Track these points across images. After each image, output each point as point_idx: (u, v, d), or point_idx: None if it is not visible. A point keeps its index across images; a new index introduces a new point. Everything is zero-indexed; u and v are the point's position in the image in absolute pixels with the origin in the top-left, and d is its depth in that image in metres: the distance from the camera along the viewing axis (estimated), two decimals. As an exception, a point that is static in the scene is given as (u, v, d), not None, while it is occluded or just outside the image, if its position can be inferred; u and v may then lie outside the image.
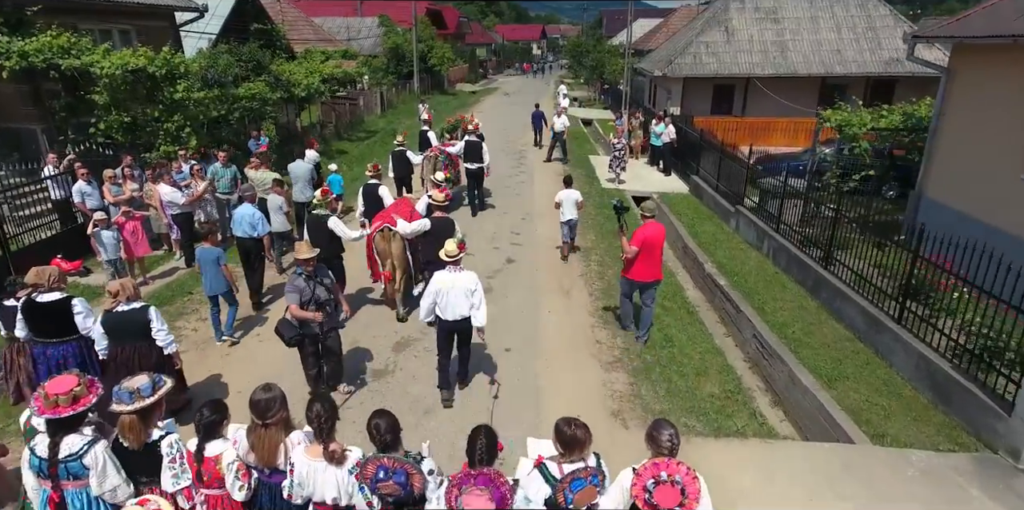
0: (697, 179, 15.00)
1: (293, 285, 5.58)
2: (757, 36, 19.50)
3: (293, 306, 5.52)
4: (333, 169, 12.81)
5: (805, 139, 19.47)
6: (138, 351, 5.09)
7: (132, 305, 5.07)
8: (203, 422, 3.43)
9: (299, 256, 5.67)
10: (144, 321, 5.06)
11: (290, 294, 5.55)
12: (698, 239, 11.51)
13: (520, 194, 14.56)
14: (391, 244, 7.63)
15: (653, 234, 6.87)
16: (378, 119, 28.94)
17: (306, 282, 5.56)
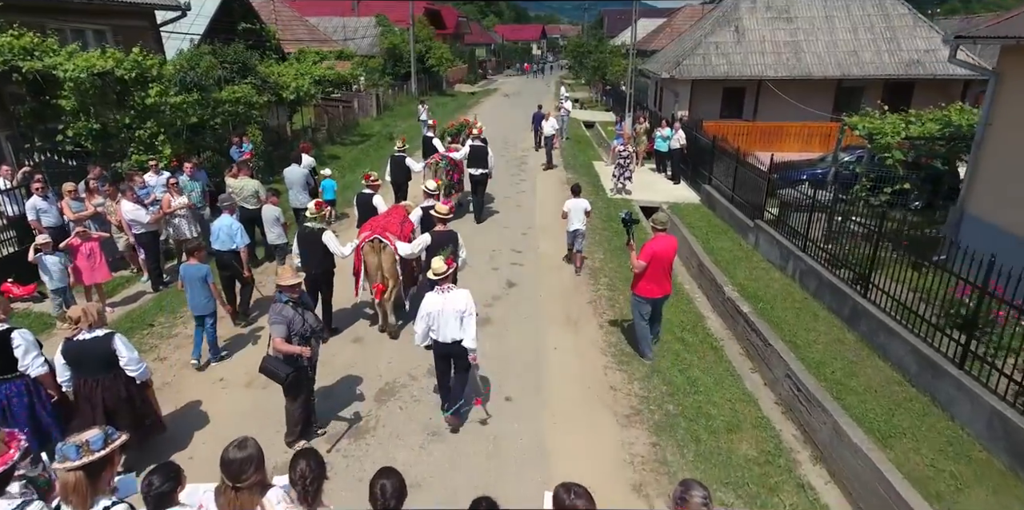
0: (709, 188, 14.08)
1: (280, 315, 4.90)
2: (769, 36, 18.59)
3: (278, 340, 4.84)
4: (326, 174, 12.24)
5: (819, 144, 18.63)
6: (102, 385, 4.66)
7: (95, 333, 4.61)
8: (152, 493, 2.93)
9: (283, 282, 5.00)
10: (108, 351, 4.61)
11: (276, 326, 4.87)
12: (714, 256, 10.59)
13: (521, 205, 13.63)
14: (381, 256, 7.20)
15: (664, 248, 6.52)
16: (373, 122, 28.02)
17: (294, 310, 4.94)
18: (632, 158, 14.79)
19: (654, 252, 6.49)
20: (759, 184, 11.31)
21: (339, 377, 6.40)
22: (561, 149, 21.34)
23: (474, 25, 73.74)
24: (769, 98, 18.61)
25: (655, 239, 6.62)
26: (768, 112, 18.89)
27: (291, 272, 5.13)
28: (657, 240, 6.59)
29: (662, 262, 6.57)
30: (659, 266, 6.59)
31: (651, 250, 6.49)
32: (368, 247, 7.21)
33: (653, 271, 6.59)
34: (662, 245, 6.54)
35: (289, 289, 5.01)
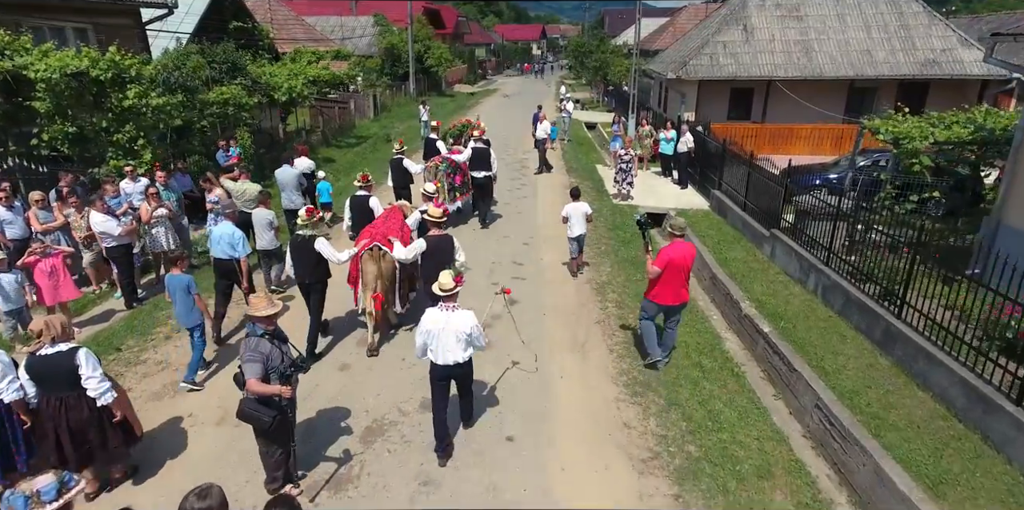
0: (719, 194, 13.43)
1: (256, 351, 4.31)
2: (779, 35, 17.95)
3: (253, 381, 4.25)
4: (321, 176, 12.01)
5: (830, 147, 18.00)
6: (65, 403, 4.40)
7: (58, 347, 4.36)
8: None
9: (257, 312, 4.40)
10: (72, 367, 4.34)
11: (252, 364, 4.28)
12: (728, 269, 9.94)
13: (522, 212, 12.97)
14: (380, 264, 6.89)
15: (680, 256, 6.33)
16: (371, 124, 27.38)
17: (272, 344, 4.42)
18: (634, 162, 14.15)
19: (670, 259, 6.28)
20: (775, 190, 10.66)
21: (321, 411, 5.76)
22: (563, 152, 20.72)
23: (474, 25, 73.12)
24: (778, 99, 17.97)
25: (672, 245, 6.41)
26: (777, 113, 18.25)
27: (265, 300, 4.49)
28: (674, 246, 6.38)
29: (678, 269, 6.36)
30: (675, 273, 6.36)
31: (667, 256, 6.29)
32: (367, 256, 6.87)
33: (669, 278, 6.38)
34: (679, 252, 6.34)
35: (264, 320, 4.42)
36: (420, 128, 26.75)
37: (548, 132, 16.95)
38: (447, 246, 6.55)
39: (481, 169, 11.93)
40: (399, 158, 11.60)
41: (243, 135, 14.51)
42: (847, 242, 8.68)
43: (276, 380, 4.38)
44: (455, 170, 12.00)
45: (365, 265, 6.91)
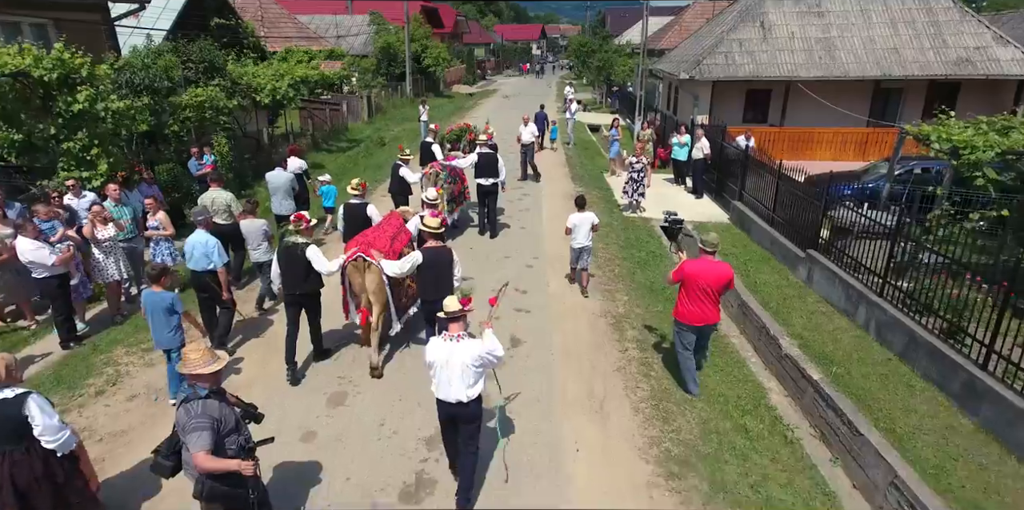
0: (741, 206, 12.22)
1: (203, 416, 3.42)
2: (799, 33, 16.74)
3: (202, 455, 3.37)
4: (326, 180, 11.47)
5: (854, 153, 16.82)
6: (10, 459, 3.76)
7: (3, 393, 3.77)
8: None
9: (193, 370, 3.51)
10: (19, 418, 3.75)
11: (198, 433, 3.39)
12: (759, 295, 8.74)
13: (525, 227, 11.75)
14: (365, 276, 6.45)
15: (705, 274, 5.87)
16: (364, 126, 26.16)
17: (221, 405, 3.58)
18: (647, 171, 12.96)
19: (688, 274, 5.93)
20: (810, 204, 9.45)
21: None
22: (566, 157, 19.52)
23: (473, 24, 71.92)
24: (798, 101, 16.76)
25: (699, 261, 6.00)
26: (797, 116, 17.04)
27: (205, 355, 3.56)
28: (700, 263, 5.96)
29: (702, 287, 5.89)
30: (698, 291, 5.92)
31: (684, 272, 5.98)
32: (351, 267, 6.45)
33: (692, 296, 5.96)
34: (704, 269, 5.88)
35: (207, 378, 3.55)
36: (419, 129, 25.72)
37: (535, 135, 15.68)
38: (445, 259, 6.03)
39: (489, 175, 10.89)
40: (398, 165, 10.65)
41: (220, 141, 13.30)
42: (898, 266, 7.49)
43: (235, 452, 3.50)
44: (456, 179, 10.89)
45: (350, 276, 6.51)
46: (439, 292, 5.54)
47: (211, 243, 6.65)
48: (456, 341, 4.34)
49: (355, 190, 8.06)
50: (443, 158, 12.16)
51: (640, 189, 13.01)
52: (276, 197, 10.18)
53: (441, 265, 6.00)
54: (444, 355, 4.33)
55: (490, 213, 11.26)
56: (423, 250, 6.10)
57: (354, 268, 6.46)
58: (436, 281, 5.95)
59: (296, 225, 6.24)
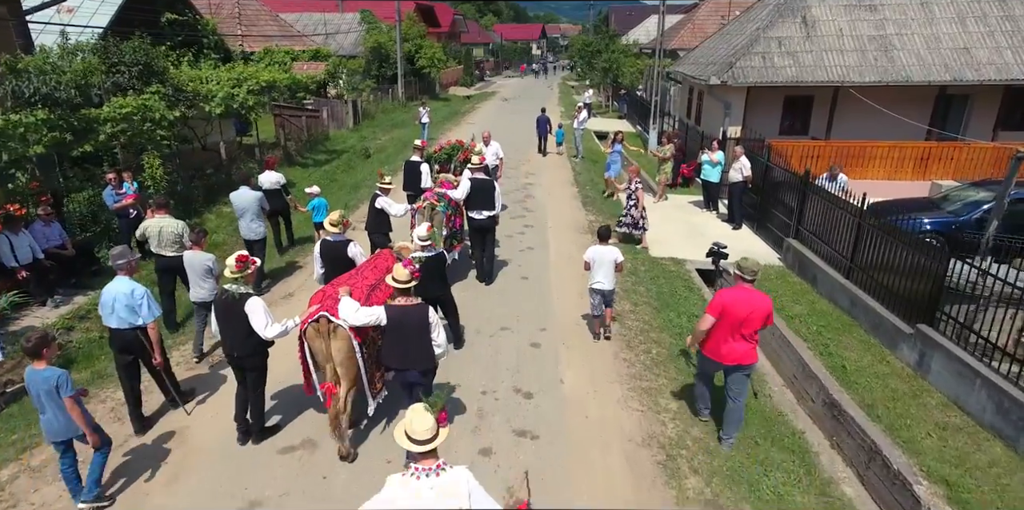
0: (798, 245, 9.75)
1: None
2: (848, 30, 14.26)
3: None
4: (315, 191, 10.31)
5: (912, 171, 14.33)
6: None
7: None
8: None
9: None
10: None
11: None
12: (855, 389, 6.28)
13: (528, 276, 9.21)
14: (330, 342, 5.14)
15: (743, 305, 5.02)
16: (348, 134, 23.65)
17: None
18: (639, 196, 10.55)
19: (726, 306, 5.09)
20: (920, 260, 6.95)
21: None
22: (574, 173, 17.04)
23: (471, 24, 69.48)
24: (848, 109, 14.28)
25: (735, 290, 5.21)
26: (845, 127, 14.57)
27: None
28: (737, 292, 5.16)
29: (737, 321, 5.08)
30: (732, 324, 5.11)
31: (721, 301, 5.13)
32: (312, 330, 5.18)
33: (724, 330, 5.15)
34: (741, 300, 5.08)
35: None
36: (420, 132, 23.39)
37: (499, 156, 12.84)
38: (415, 321, 4.90)
39: (482, 207, 8.51)
40: (377, 194, 8.28)
41: (152, 161, 10.79)
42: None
43: None
44: (456, 211, 8.47)
45: (311, 342, 5.23)
46: (407, 361, 4.89)
47: (138, 293, 5.44)
48: (428, 476, 2.93)
49: (335, 226, 6.56)
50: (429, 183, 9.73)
51: (637, 221, 10.64)
52: (244, 219, 8.81)
53: (409, 328, 4.86)
54: (407, 503, 2.87)
55: (487, 254, 8.86)
56: (388, 307, 4.96)
57: (315, 331, 5.12)
58: (403, 348, 4.90)
59: (239, 270, 5.06)
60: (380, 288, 5.79)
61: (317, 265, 6.80)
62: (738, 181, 11.59)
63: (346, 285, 5.65)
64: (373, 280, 5.91)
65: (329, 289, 5.65)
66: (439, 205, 8.15)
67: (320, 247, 6.72)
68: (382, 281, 5.91)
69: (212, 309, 5.36)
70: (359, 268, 6.23)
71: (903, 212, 9.66)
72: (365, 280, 5.87)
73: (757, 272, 5.20)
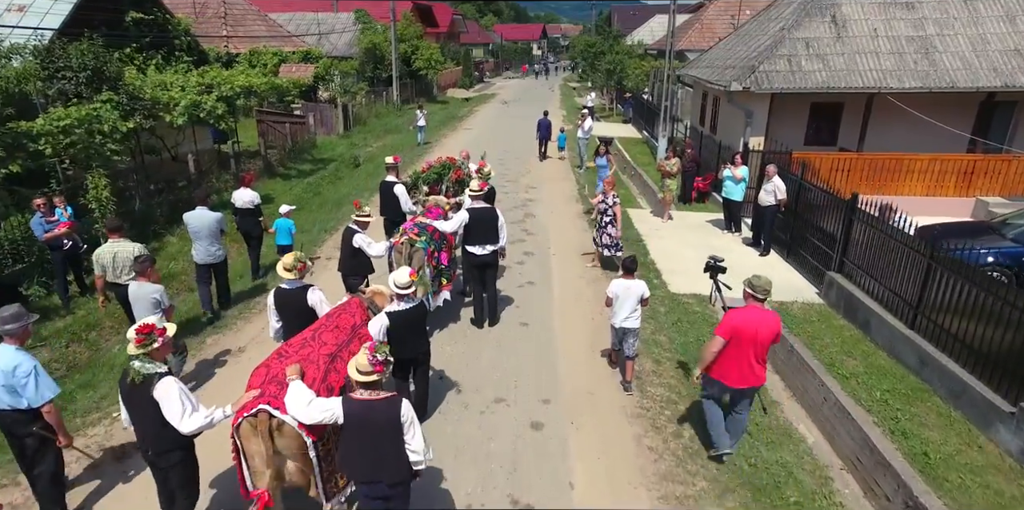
0: (844, 282, 8.35)
1: None
2: (883, 30, 12.86)
3: None
4: (284, 211, 9.28)
5: (955, 186, 12.92)
6: None
7: None
8: None
9: None
10: None
11: None
12: (940, 487, 4.90)
13: (529, 322, 7.78)
14: (276, 441, 3.96)
15: (754, 326, 4.79)
16: (338, 141, 22.27)
17: None
18: (616, 213, 9.21)
19: (735, 327, 4.80)
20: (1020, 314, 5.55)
21: None
22: (578, 185, 15.66)
23: (471, 24, 68.12)
24: (882, 118, 12.90)
25: (745, 310, 4.86)
26: (880, 138, 13.17)
27: None
28: (748, 312, 4.84)
29: (749, 343, 4.80)
30: (744, 346, 4.82)
31: (732, 323, 4.82)
32: (248, 426, 3.96)
33: (736, 352, 4.85)
34: (752, 320, 4.78)
35: None
36: (415, 137, 22.45)
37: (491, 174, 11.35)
38: (385, 420, 3.73)
39: (485, 241, 7.18)
40: (352, 230, 6.88)
41: (96, 181, 9.40)
42: None
43: None
44: (441, 245, 7.08)
45: (245, 441, 4.00)
46: (372, 471, 3.80)
47: (22, 370, 4.24)
48: None
49: (288, 271, 5.34)
50: (411, 208, 8.34)
51: (605, 238, 9.36)
52: (201, 242, 7.80)
53: (374, 429, 3.75)
54: None
55: (488, 293, 7.49)
56: (346, 401, 3.83)
57: (252, 428, 3.98)
58: (367, 455, 3.79)
59: (141, 344, 3.92)
60: (343, 358, 4.53)
61: (272, 318, 5.55)
62: (771, 205, 10.17)
63: (298, 358, 4.41)
64: (334, 346, 4.65)
65: (275, 365, 4.37)
66: (419, 240, 6.77)
67: (274, 296, 5.48)
68: (348, 345, 4.70)
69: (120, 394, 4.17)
70: (319, 326, 4.93)
71: (957, 237, 8.33)
72: (324, 347, 4.60)
73: (769, 290, 4.93)
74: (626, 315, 6.09)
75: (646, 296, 6.15)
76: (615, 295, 6.10)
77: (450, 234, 7.33)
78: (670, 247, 10.79)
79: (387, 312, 5.31)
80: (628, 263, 6.14)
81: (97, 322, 8.23)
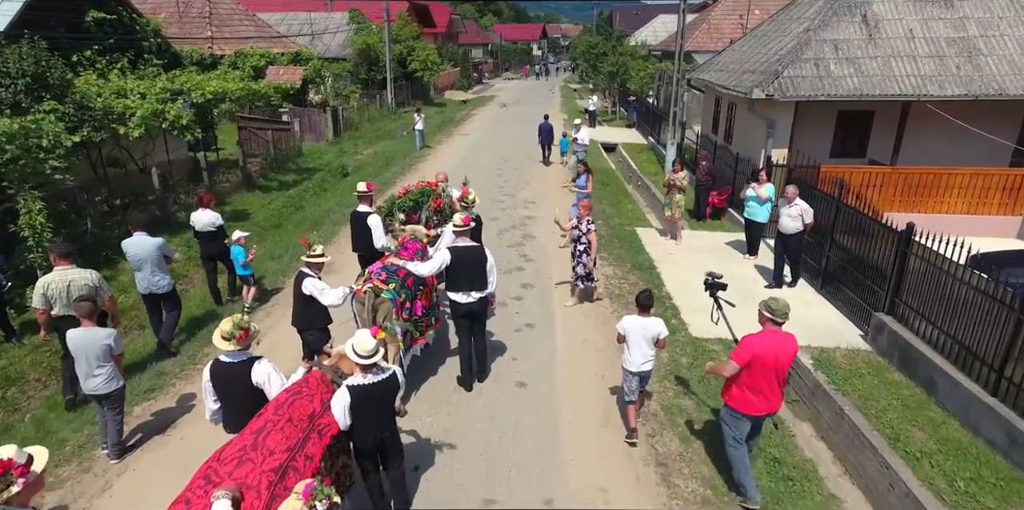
0: (895, 326, 7.12)
1: None
2: (920, 31, 11.63)
3: None
4: (236, 237, 8.37)
5: (999, 203, 11.70)
6: None
7: None
8: None
9: None
10: None
11: None
12: None
13: (528, 383, 6.49)
14: None
15: (774, 351, 4.58)
16: (326, 148, 21.05)
17: None
18: (591, 241, 8.06)
19: (755, 354, 4.56)
20: None
21: None
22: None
23: (470, 24, 66.85)
24: (917, 128, 11.67)
25: (763, 335, 4.66)
26: (916, 150, 11.95)
27: None
28: (766, 337, 4.63)
29: (771, 369, 4.62)
30: (766, 373, 4.62)
31: (752, 349, 4.57)
32: None
33: (757, 379, 4.65)
34: (772, 345, 4.59)
35: None
36: (413, 141, 21.48)
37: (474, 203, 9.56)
38: None
39: (471, 287, 5.95)
40: (304, 274, 5.62)
41: (29, 204, 8.16)
42: None
43: None
44: (416, 292, 5.86)
45: None
46: None
47: None
48: None
49: (227, 340, 4.22)
50: (384, 244, 7.11)
51: (580, 268, 8.23)
52: (143, 272, 7.06)
53: None
54: None
55: (477, 346, 6.26)
56: None
57: None
58: None
59: None
60: (297, 467, 3.50)
61: (208, 397, 4.40)
62: (796, 231, 8.89)
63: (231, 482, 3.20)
64: (285, 452, 3.54)
65: (198, 501, 3.23)
66: (386, 289, 5.52)
67: (210, 372, 4.33)
68: (303, 448, 3.64)
69: None
70: (264, 423, 3.77)
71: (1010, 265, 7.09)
72: (269, 460, 3.47)
73: (788, 314, 4.71)
74: (639, 357, 5.35)
75: (663, 336, 5.40)
76: (624, 330, 5.40)
77: (431, 278, 6.08)
78: (686, 276, 9.54)
79: (348, 386, 4.14)
80: (643, 299, 5.37)
81: (20, 375, 7.02)
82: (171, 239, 11.49)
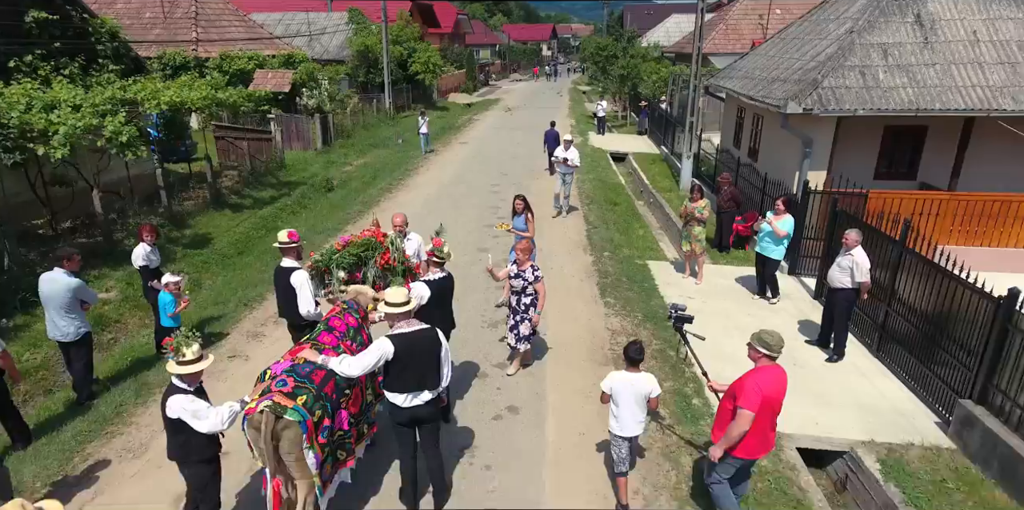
0: (989, 421, 5.43)
1: None
2: (986, 33, 9.90)
3: None
4: (165, 281, 6.74)
5: (1078, 235, 9.89)
6: None
7: None
8: None
9: None
10: None
11: None
12: None
13: (505, 505, 4.94)
14: None
15: (776, 389, 4.28)
16: (313, 158, 19.50)
17: None
18: (540, 293, 6.47)
19: (764, 397, 4.18)
20: None
21: None
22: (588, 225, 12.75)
23: (477, 24, 65.27)
24: (983, 147, 9.95)
25: (762, 372, 4.28)
26: (977, 173, 10.20)
27: None
28: (766, 374, 4.26)
29: (771, 409, 4.31)
30: (767, 414, 4.29)
31: (759, 392, 4.16)
32: None
33: (757, 420, 4.24)
34: (774, 383, 4.26)
35: None
36: (420, 143, 20.59)
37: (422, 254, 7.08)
38: None
39: (418, 386, 4.32)
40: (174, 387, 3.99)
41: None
42: None
43: None
44: (338, 400, 4.26)
45: None
46: None
47: None
48: None
49: None
50: (312, 311, 5.47)
51: (518, 328, 6.47)
52: (48, 314, 6.18)
53: None
54: None
55: (431, 464, 4.60)
56: None
57: None
58: None
59: None
60: None
61: None
62: (846, 287, 7.09)
63: None
64: None
65: None
66: (291, 408, 3.82)
67: None
68: None
69: None
70: None
71: None
72: None
73: (780, 349, 4.30)
74: (628, 419, 4.72)
75: (655, 395, 4.78)
76: (609, 389, 4.75)
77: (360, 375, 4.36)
78: (710, 328, 7.83)
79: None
80: (632, 352, 4.70)
81: None
82: (112, 273, 10.01)
